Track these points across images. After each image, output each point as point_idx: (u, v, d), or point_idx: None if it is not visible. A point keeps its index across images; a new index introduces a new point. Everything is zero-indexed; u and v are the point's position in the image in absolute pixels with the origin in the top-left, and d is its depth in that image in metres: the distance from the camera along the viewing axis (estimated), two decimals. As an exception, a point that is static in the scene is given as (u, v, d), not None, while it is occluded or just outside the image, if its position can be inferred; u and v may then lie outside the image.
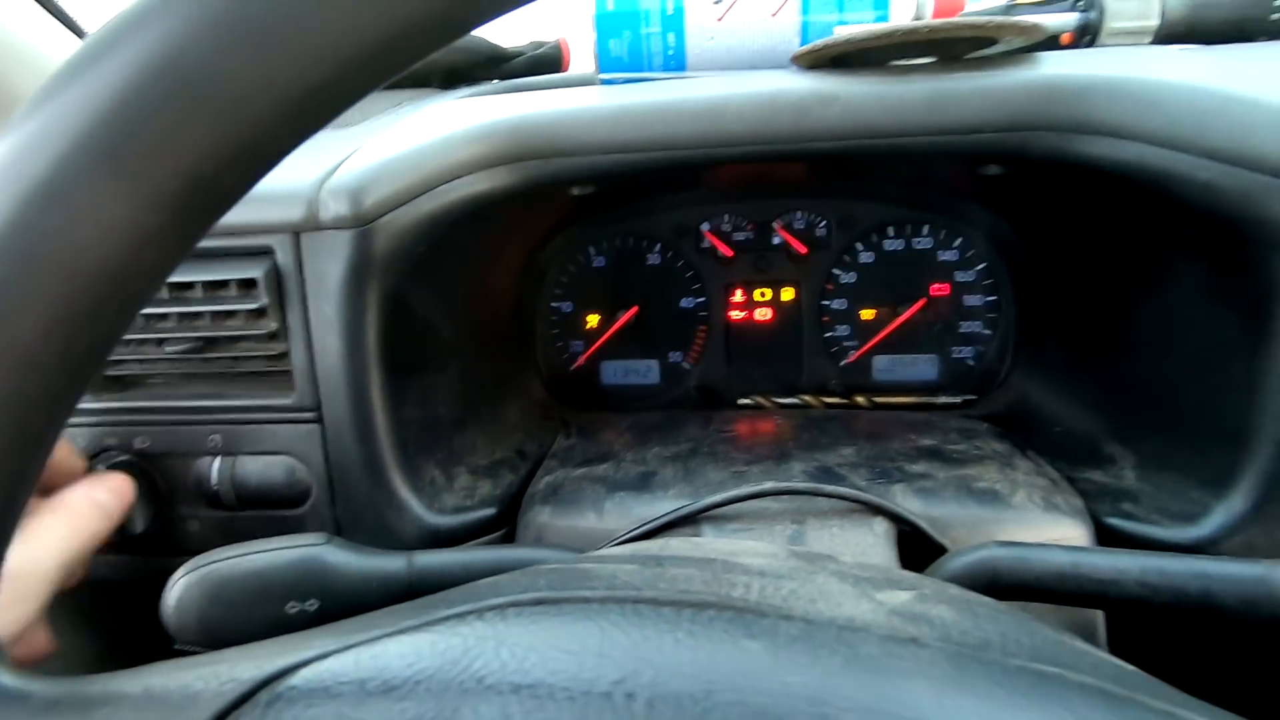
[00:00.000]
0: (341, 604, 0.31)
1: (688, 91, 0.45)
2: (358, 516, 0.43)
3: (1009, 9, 0.55)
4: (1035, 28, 0.45)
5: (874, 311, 0.65)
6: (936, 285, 0.64)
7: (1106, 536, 0.41)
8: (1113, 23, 0.48)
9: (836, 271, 0.66)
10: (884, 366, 0.66)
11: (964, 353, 0.65)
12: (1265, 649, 0.29)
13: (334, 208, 0.39)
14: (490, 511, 0.46)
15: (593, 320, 0.68)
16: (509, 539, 0.45)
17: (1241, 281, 0.38)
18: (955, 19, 0.45)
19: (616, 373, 0.69)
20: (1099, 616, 0.37)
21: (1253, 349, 0.37)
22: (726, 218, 0.67)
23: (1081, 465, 0.47)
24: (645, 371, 0.69)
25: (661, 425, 0.53)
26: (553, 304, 0.69)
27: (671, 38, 0.56)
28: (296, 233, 0.40)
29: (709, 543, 0.29)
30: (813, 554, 0.29)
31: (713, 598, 0.21)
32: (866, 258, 0.65)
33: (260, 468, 0.43)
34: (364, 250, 0.40)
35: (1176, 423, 0.43)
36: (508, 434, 0.55)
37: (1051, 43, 0.55)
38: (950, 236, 0.64)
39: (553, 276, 0.68)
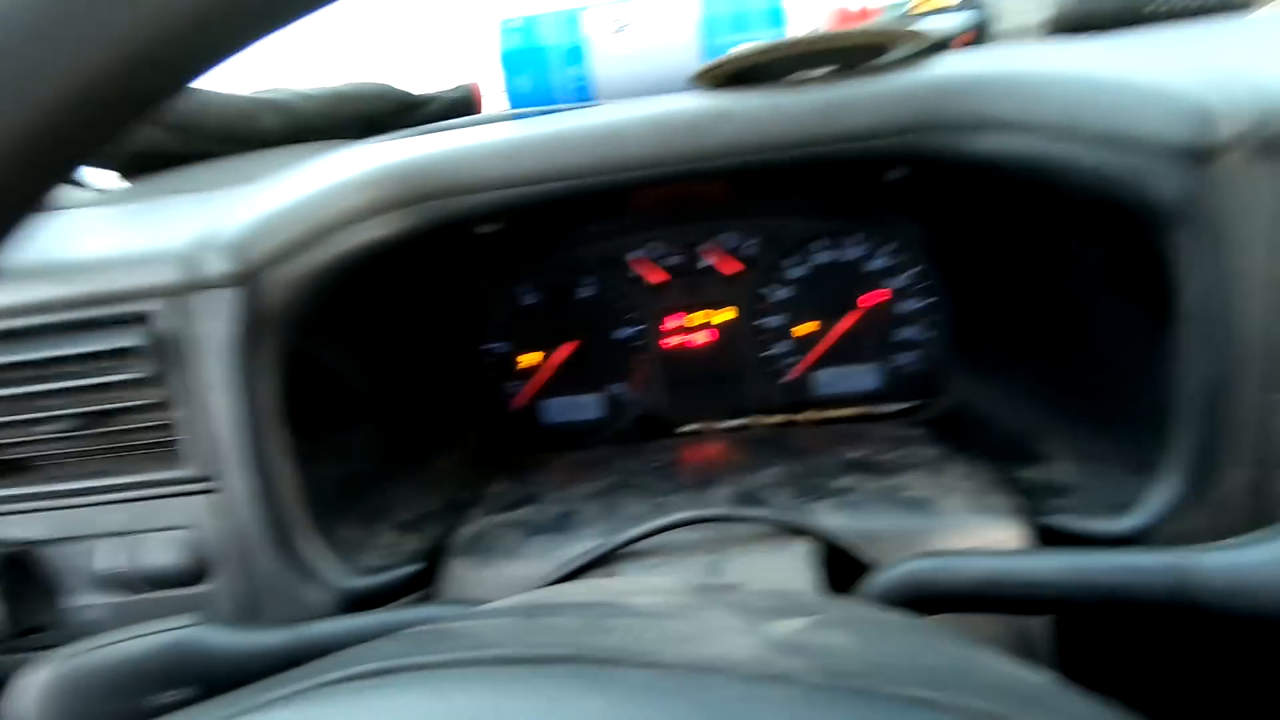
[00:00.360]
0: (222, 689, 0.29)
1: (585, 120, 0.44)
2: (267, 588, 0.41)
3: (904, 18, 0.56)
4: (922, 34, 0.46)
5: (810, 326, 0.65)
6: (870, 294, 0.64)
7: (1047, 535, 0.40)
8: (1002, 21, 0.49)
9: (768, 289, 0.65)
10: (826, 380, 0.65)
11: (904, 359, 0.64)
12: (1185, 639, 0.28)
13: (215, 264, 0.38)
14: (415, 568, 0.44)
15: (530, 359, 0.67)
16: (434, 596, 0.43)
17: (1140, 264, 0.37)
18: (845, 30, 0.46)
19: (558, 410, 0.68)
20: (1040, 623, 0.36)
21: (1159, 331, 0.36)
22: (654, 244, 0.66)
23: (1020, 464, 0.46)
24: (587, 407, 0.68)
25: (596, 461, 0.51)
26: (486, 345, 0.67)
27: (578, 70, 0.56)
28: (177, 295, 0.38)
29: (608, 583, 0.28)
30: (714, 586, 0.27)
31: (569, 650, 0.19)
32: (797, 272, 0.65)
33: (157, 546, 0.41)
34: (253, 307, 0.39)
35: (1103, 412, 0.42)
36: (438, 484, 0.53)
37: (948, 45, 0.55)
38: (879, 244, 0.64)
39: (485, 317, 0.67)
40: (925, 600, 0.31)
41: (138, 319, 0.39)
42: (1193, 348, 0.36)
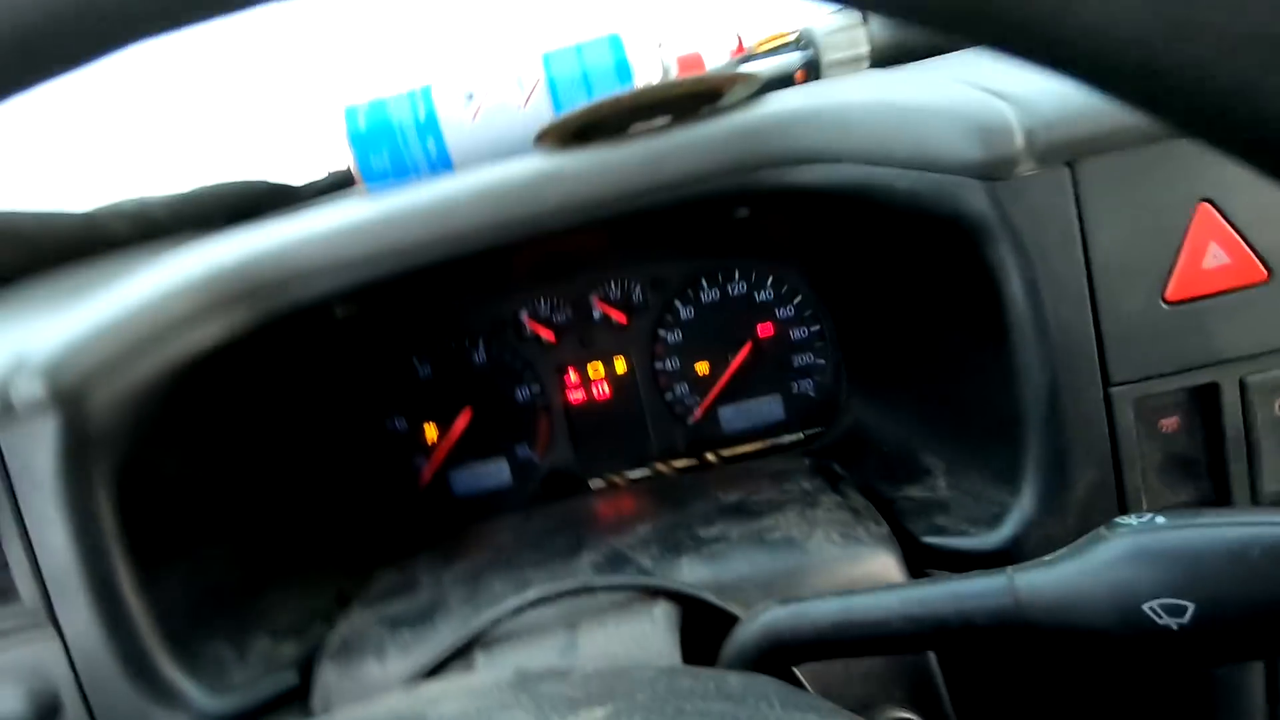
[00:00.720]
0: None
1: (419, 195, 0.44)
2: (121, 723, 0.38)
3: (742, 60, 0.57)
4: (752, 77, 0.47)
5: (707, 365, 0.65)
6: (761, 325, 0.64)
7: (927, 557, 0.39)
8: (828, 55, 0.50)
9: (661, 332, 0.65)
10: (730, 416, 0.65)
11: (804, 385, 0.64)
12: (1033, 658, 0.27)
13: (26, 391, 0.36)
14: (290, 680, 0.41)
15: (432, 432, 0.65)
16: (309, 706, 0.41)
17: (970, 279, 0.38)
18: (678, 79, 0.46)
19: (467, 481, 0.66)
20: (928, 659, 0.35)
21: (998, 341, 0.37)
22: (542, 301, 0.65)
23: (903, 482, 0.45)
24: (496, 473, 0.66)
25: (477, 538, 0.50)
26: (385, 423, 0.65)
27: (431, 142, 0.56)
28: (-10, 427, 0.36)
29: (426, 689, 0.26)
30: (538, 674, 0.26)
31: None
32: (687, 314, 0.65)
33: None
34: (74, 431, 0.37)
35: (963, 424, 0.42)
36: (328, 580, 0.50)
37: (788, 83, 0.57)
38: (760, 278, 0.64)
39: (379, 395, 0.65)
40: (786, 651, 0.30)
41: (-53, 457, 0.36)
42: (1025, 355, 0.36)
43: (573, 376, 0.65)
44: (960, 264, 0.39)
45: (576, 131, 0.49)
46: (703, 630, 0.34)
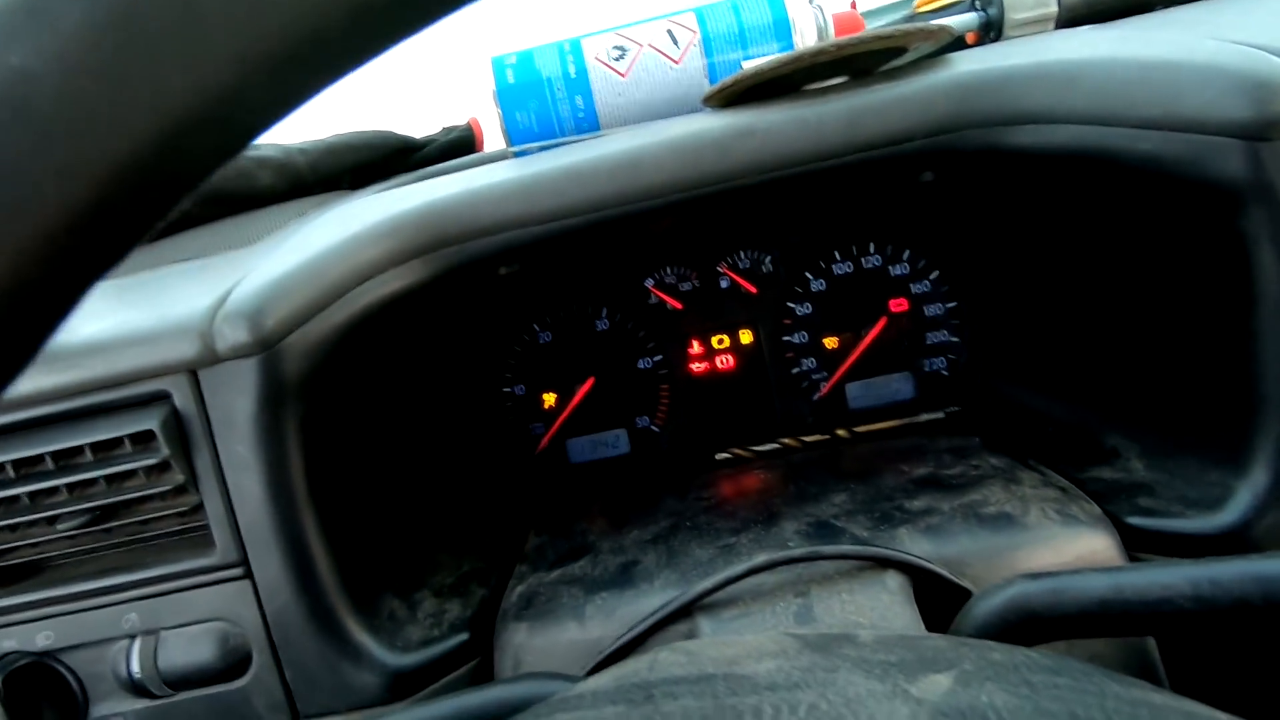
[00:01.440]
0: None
1: (602, 149, 0.42)
2: (310, 677, 0.38)
3: (910, 18, 0.55)
4: (942, 30, 0.45)
5: (837, 339, 0.63)
6: (894, 301, 0.62)
7: (1132, 539, 0.38)
8: (1014, 14, 0.48)
9: (791, 305, 0.63)
10: (858, 393, 0.63)
11: (936, 364, 0.62)
12: None
13: (231, 336, 0.35)
14: (462, 637, 0.41)
15: (550, 399, 0.65)
16: (487, 665, 0.40)
17: (1208, 249, 0.36)
18: (861, 34, 0.44)
19: (584, 449, 0.65)
20: (1149, 641, 0.33)
21: (1240, 312, 0.35)
22: (669, 269, 0.64)
23: (1086, 464, 0.44)
24: (615, 442, 0.65)
25: (637, 502, 0.49)
26: (505, 389, 0.65)
27: (580, 100, 0.55)
28: (193, 370, 0.36)
29: (705, 648, 0.25)
30: (825, 638, 0.25)
31: (715, 749, 0.16)
32: (818, 286, 0.63)
33: (187, 642, 0.37)
34: (274, 377, 0.36)
35: (1174, 402, 0.40)
36: (473, 542, 0.50)
37: (959, 44, 0.54)
38: (897, 251, 0.62)
39: (500, 360, 0.64)
40: (1038, 626, 0.29)
41: (153, 400, 0.36)
42: (1273, 328, 0.34)
43: (697, 347, 0.64)
44: (1192, 233, 0.37)
45: (748, 91, 0.47)
46: (926, 604, 0.33)
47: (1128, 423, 0.43)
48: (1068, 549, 0.35)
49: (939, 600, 0.33)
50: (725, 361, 0.64)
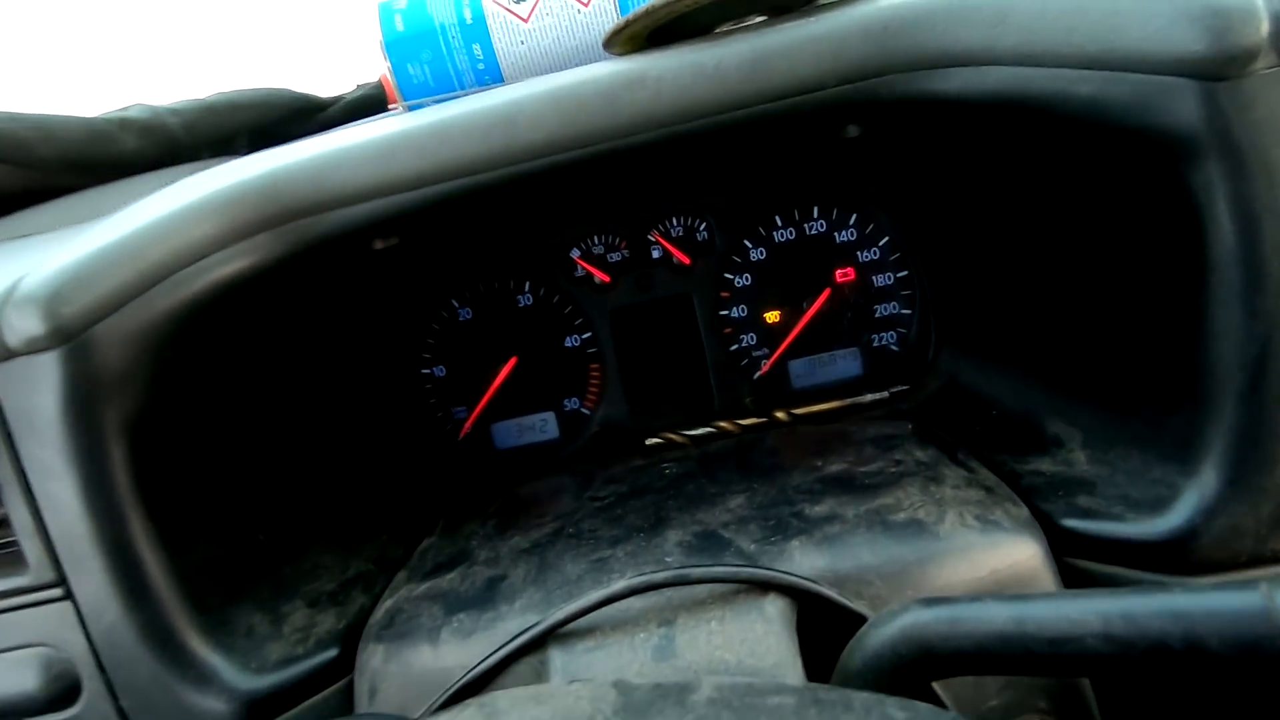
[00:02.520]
0: None
1: (473, 104, 0.37)
2: (147, 703, 0.34)
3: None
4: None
5: (778, 313, 0.58)
6: (840, 271, 0.57)
7: (1067, 543, 0.34)
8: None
9: (728, 276, 0.58)
10: (801, 371, 0.59)
11: (885, 339, 0.58)
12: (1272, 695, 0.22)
13: (20, 327, 0.30)
14: (330, 654, 0.37)
15: (472, 381, 0.60)
16: (350, 687, 0.36)
17: (1158, 208, 0.31)
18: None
19: (510, 434, 0.61)
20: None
21: (1189, 285, 0.30)
22: (596, 239, 0.59)
23: (1026, 453, 0.39)
24: (542, 426, 0.61)
25: (535, 499, 0.45)
26: (422, 370, 0.60)
27: (478, 49, 0.49)
28: (-18, 365, 0.31)
29: (514, 707, 0.21)
30: (653, 695, 0.20)
31: None
32: (758, 255, 0.58)
33: (5, 670, 0.34)
34: (81, 372, 0.32)
35: (1120, 386, 0.35)
36: (367, 541, 0.46)
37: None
38: (843, 215, 0.57)
39: (416, 340, 0.59)
40: (934, 662, 0.25)
41: (-64, 401, 0.31)
42: (1226, 303, 0.29)
43: (627, 323, 0.59)
44: (1140, 191, 0.32)
45: (654, 33, 0.42)
46: (815, 629, 0.29)
47: (1072, 406, 0.38)
48: (985, 561, 0.30)
49: (832, 624, 0.29)
50: (658, 338, 0.59)
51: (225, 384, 0.40)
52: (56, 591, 0.33)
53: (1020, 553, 0.31)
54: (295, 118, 0.59)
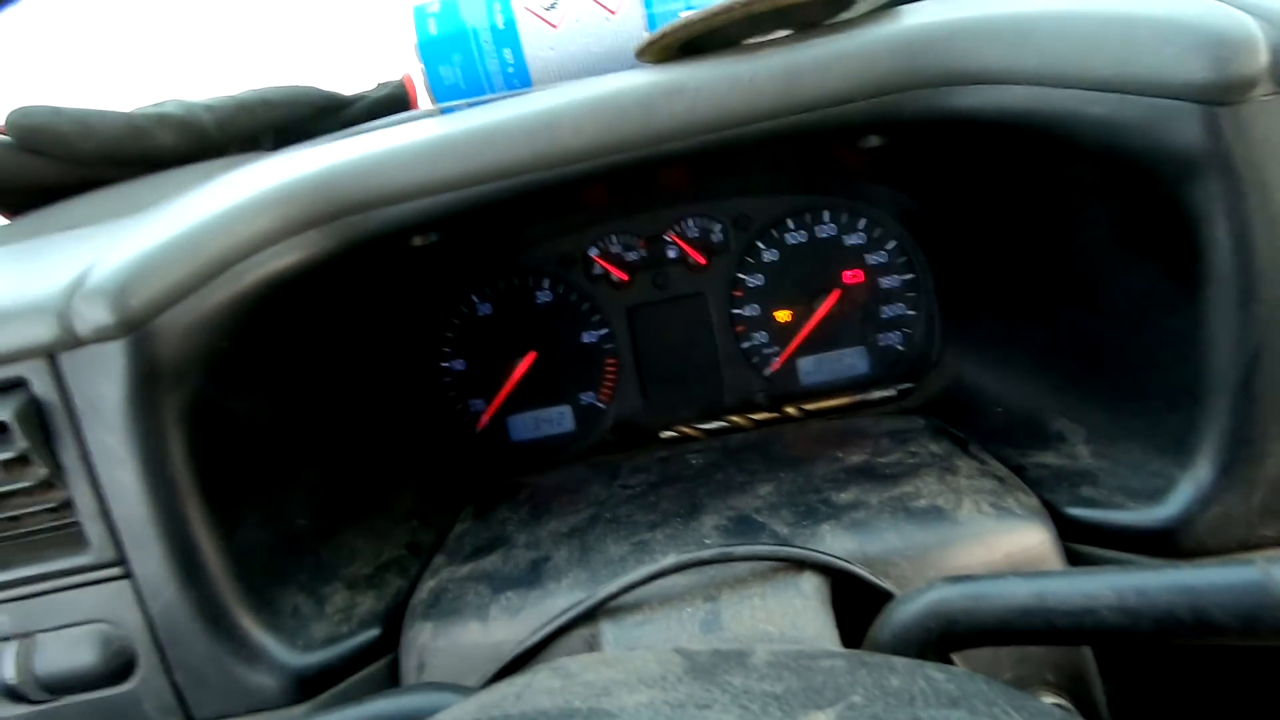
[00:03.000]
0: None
1: (516, 108, 0.39)
2: (202, 679, 0.35)
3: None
4: (889, -20, 0.41)
5: (789, 312, 0.60)
6: (849, 273, 0.60)
7: (1070, 530, 0.36)
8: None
9: (741, 276, 0.60)
10: (810, 369, 0.61)
11: (891, 339, 0.60)
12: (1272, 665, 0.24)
13: (91, 317, 0.32)
14: (373, 633, 0.39)
15: (491, 374, 0.62)
16: (396, 663, 0.38)
17: (1160, 221, 0.33)
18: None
19: (526, 427, 0.63)
20: (1085, 650, 0.32)
21: (1187, 293, 0.32)
22: (614, 238, 0.61)
23: (1031, 448, 0.42)
24: (558, 419, 0.62)
25: (564, 488, 0.46)
26: (442, 364, 0.62)
27: (509, 54, 0.51)
28: (51, 354, 0.32)
29: (584, 669, 0.23)
30: (715, 658, 0.22)
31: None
32: (770, 256, 0.60)
33: (66, 645, 0.35)
34: (144, 361, 0.33)
35: (1122, 388, 0.38)
36: (397, 527, 0.47)
37: (913, -4, 0.50)
38: (853, 220, 0.59)
39: (436, 334, 0.61)
40: (955, 634, 0.27)
41: (8, 388, 0.33)
42: (1222, 311, 0.32)
43: (643, 320, 0.61)
44: (1142, 206, 0.35)
45: (684, 45, 0.44)
46: (845, 606, 0.31)
47: (1075, 405, 0.41)
48: (999, 545, 0.33)
49: (860, 602, 0.31)
50: (673, 335, 0.61)
51: (270, 375, 0.42)
52: (116, 570, 0.34)
53: (1031, 538, 0.33)
54: (320, 115, 0.60)
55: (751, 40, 0.43)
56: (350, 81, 0.69)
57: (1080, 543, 0.36)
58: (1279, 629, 0.22)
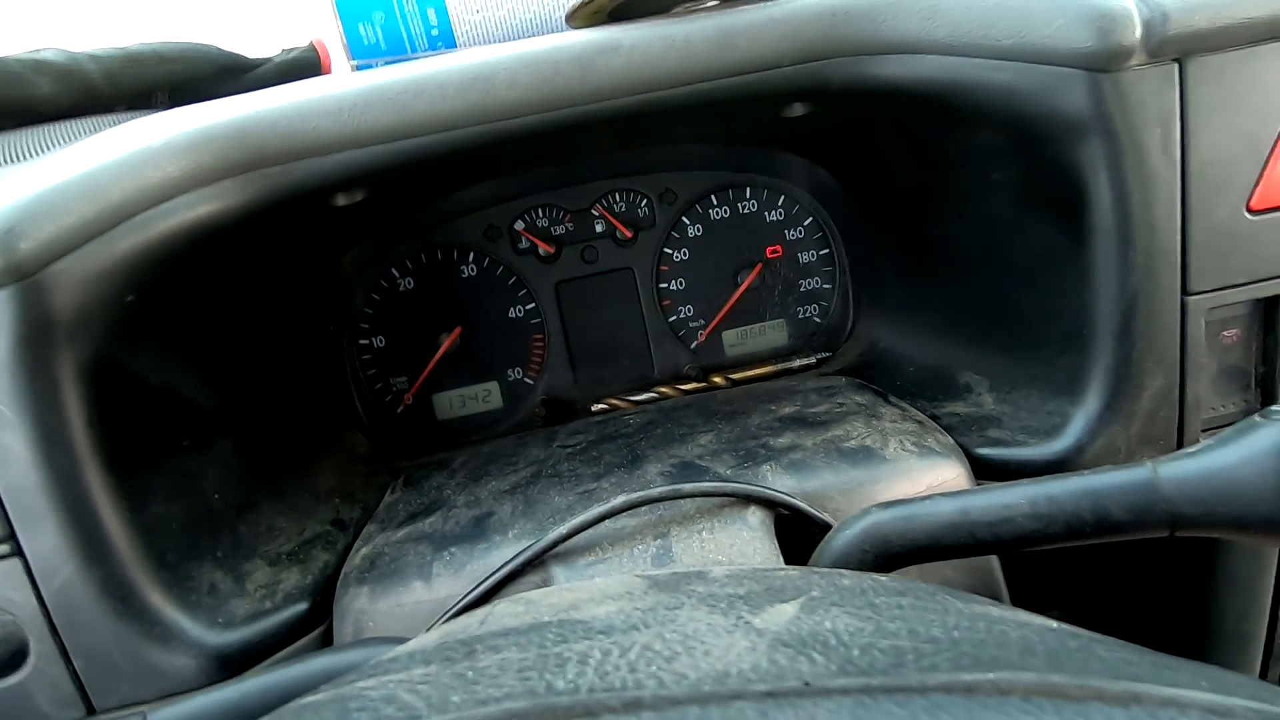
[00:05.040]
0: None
1: (449, 62, 0.38)
2: (106, 664, 0.32)
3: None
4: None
5: (714, 286, 0.62)
6: (770, 248, 0.62)
7: (979, 468, 0.39)
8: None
9: (668, 250, 0.61)
10: (734, 341, 0.63)
11: (809, 311, 0.63)
12: (1162, 551, 0.27)
13: (-28, 260, 0.29)
14: (300, 608, 0.37)
15: (414, 351, 0.60)
16: (329, 636, 0.36)
17: (1052, 182, 0.37)
18: (729, -44, 0.42)
19: (452, 404, 0.61)
20: (992, 559, 0.35)
21: (1077, 245, 0.36)
22: (541, 211, 0.60)
23: (943, 400, 0.45)
24: (485, 397, 0.61)
25: (501, 453, 0.46)
26: (361, 340, 0.59)
27: (432, 13, 0.49)
28: (-78, 305, 0.29)
29: (547, 595, 0.23)
30: (676, 577, 0.23)
31: (524, 703, 0.14)
32: (695, 231, 0.62)
33: (-59, 635, 0.31)
34: (35, 312, 0.30)
35: (1020, 337, 0.42)
36: (320, 505, 0.45)
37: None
38: (773, 196, 0.62)
39: (356, 308, 0.58)
40: (890, 554, 0.29)
41: None
42: (1105, 259, 0.35)
43: (571, 294, 0.61)
44: (1036, 169, 0.38)
45: (615, 10, 0.44)
46: (787, 538, 0.33)
47: (979, 359, 0.45)
48: (923, 479, 0.35)
49: (801, 534, 0.33)
50: (601, 310, 0.61)
51: (179, 336, 0.39)
52: (3, 549, 0.31)
53: (950, 472, 0.36)
54: (222, 76, 0.56)
55: (679, 9, 0.44)
56: (246, 48, 0.65)
57: (990, 479, 0.39)
58: (1164, 519, 0.25)
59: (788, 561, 0.31)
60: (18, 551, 0.31)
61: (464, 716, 0.14)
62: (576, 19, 0.45)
